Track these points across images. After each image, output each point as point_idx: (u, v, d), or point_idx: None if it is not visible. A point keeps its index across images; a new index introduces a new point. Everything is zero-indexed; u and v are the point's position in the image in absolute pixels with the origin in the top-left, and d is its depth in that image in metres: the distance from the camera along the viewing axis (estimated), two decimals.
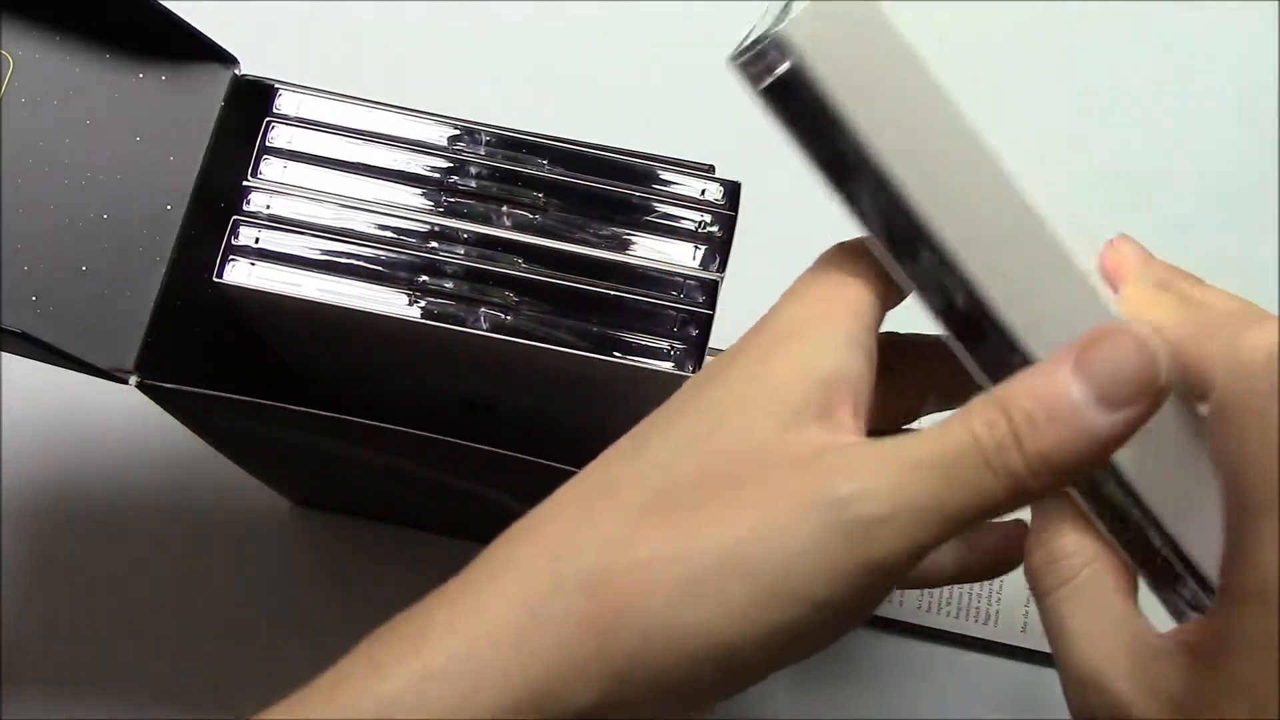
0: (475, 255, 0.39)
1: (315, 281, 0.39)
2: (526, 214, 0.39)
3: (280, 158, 0.39)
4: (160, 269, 0.39)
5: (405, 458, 0.44)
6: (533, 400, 0.43)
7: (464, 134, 0.40)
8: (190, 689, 0.56)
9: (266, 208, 0.39)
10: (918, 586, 0.43)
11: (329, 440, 0.43)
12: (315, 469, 0.51)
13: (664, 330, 0.38)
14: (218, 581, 0.57)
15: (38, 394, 0.43)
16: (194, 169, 0.40)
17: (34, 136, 0.38)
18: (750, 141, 0.63)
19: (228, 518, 0.57)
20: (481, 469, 0.43)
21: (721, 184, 0.40)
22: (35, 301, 0.38)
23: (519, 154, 0.40)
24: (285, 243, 0.39)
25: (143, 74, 0.40)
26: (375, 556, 0.58)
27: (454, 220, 0.39)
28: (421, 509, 0.55)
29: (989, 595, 0.56)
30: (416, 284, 0.39)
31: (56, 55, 0.39)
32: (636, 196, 0.39)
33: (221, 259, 0.39)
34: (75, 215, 0.39)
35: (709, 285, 0.39)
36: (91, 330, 0.38)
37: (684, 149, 0.41)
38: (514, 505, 0.47)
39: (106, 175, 0.39)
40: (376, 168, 0.40)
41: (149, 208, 0.40)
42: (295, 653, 0.57)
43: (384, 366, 0.43)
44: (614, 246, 0.39)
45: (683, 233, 0.39)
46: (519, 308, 0.38)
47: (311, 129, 0.40)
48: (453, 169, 0.40)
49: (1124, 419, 0.26)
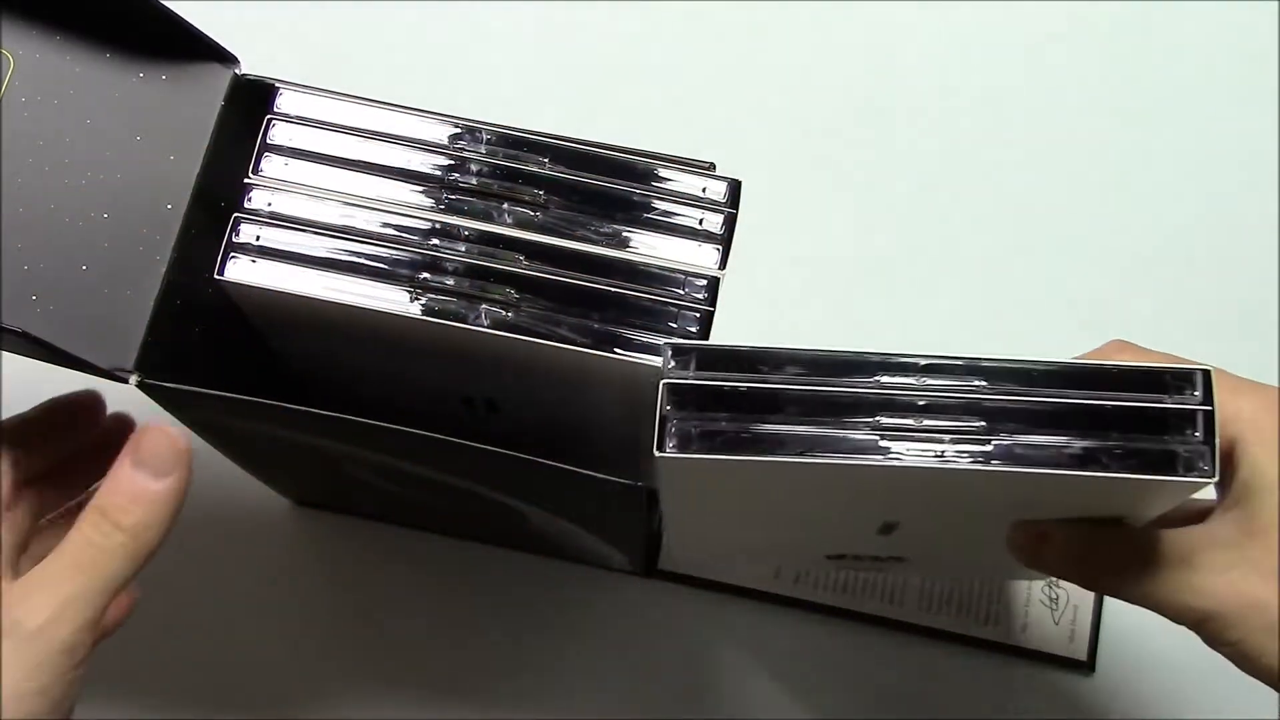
0: (476, 252, 0.39)
1: (317, 279, 0.39)
2: (527, 211, 0.39)
3: (281, 155, 0.39)
4: (160, 268, 0.39)
5: (405, 458, 0.44)
6: (534, 397, 0.43)
7: (465, 132, 0.40)
8: (190, 688, 0.56)
9: (268, 205, 0.39)
10: None
11: (329, 440, 0.43)
12: (315, 469, 0.51)
13: (665, 327, 0.38)
14: (218, 581, 0.57)
15: (38, 394, 0.43)
16: (194, 168, 0.40)
17: (34, 136, 0.38)
18: (750, 139, 0.64)
19: (228, 517, 0.57)
20: (481, 469, 0.43)
21: (722, 181, 0.40)
22: (35, 301, 0.38)
23: (520, 152, 0.40)
24: (287, 240, 0.39)
25: (143, 73, 0.40)
26: (375, 556, 0.58)
27: (455, 217, 0.39)
28: (421, 509, 0.55)
29: (989, 595, 0.56)
30: (418, 281, 0.39)
31: (57, 54, 0.39)
32: (637, 194, 0.39)
33: (223, 256, 0.39)
34: (76, 214, 0.39)
35: (710, 282, 0.39)
36: (92, 329, 0.38)
37: (684, 147, 0.41)
38: (514, 505, 0.48)
39: (107, 174, 0.39)
40: (378, 165, 0.40)
41: (149, 207, 0.39)
42: (295, 652, 0.57)
43: (385, 364, 0.43)
44: (615, 244, 0.39)
45: (683, 230, 0.39)
46: (520, 305, 0.38)
47: (312, 127, 0.40)
48: (454, 166, 0.40)
49: (173, 481, 0.38)
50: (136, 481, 0.38)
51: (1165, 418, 0.35)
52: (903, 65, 0.65)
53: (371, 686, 0.57)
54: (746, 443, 0.34)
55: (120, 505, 0.38)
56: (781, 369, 0.35)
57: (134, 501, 0.38)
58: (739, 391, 0.35)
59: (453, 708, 0.56)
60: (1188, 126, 0.64)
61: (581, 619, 0.57)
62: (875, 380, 0.35)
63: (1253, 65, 0.65)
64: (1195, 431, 0.34)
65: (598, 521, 0.48)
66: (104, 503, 0.38)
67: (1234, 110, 0.65)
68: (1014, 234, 0.63)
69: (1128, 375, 0.35)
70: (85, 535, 0.37)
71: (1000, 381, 0.35)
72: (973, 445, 0.34)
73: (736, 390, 0.35)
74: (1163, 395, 0.35)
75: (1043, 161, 0.64)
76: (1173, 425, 0.35)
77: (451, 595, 0.57)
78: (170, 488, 0.38)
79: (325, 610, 0.58)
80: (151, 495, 0.38)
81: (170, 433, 0.38)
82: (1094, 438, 0.34)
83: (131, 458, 0.38)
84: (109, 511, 0.38)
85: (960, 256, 0.62)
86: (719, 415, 0.35)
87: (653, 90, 0.64)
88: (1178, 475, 0.34)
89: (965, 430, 0.35)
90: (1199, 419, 0.34)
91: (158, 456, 0.38)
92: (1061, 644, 0.56)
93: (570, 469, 0.38)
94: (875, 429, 0.35)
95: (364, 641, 0.57)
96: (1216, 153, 0.64)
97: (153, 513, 0.38)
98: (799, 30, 0.65)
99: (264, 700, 0.57)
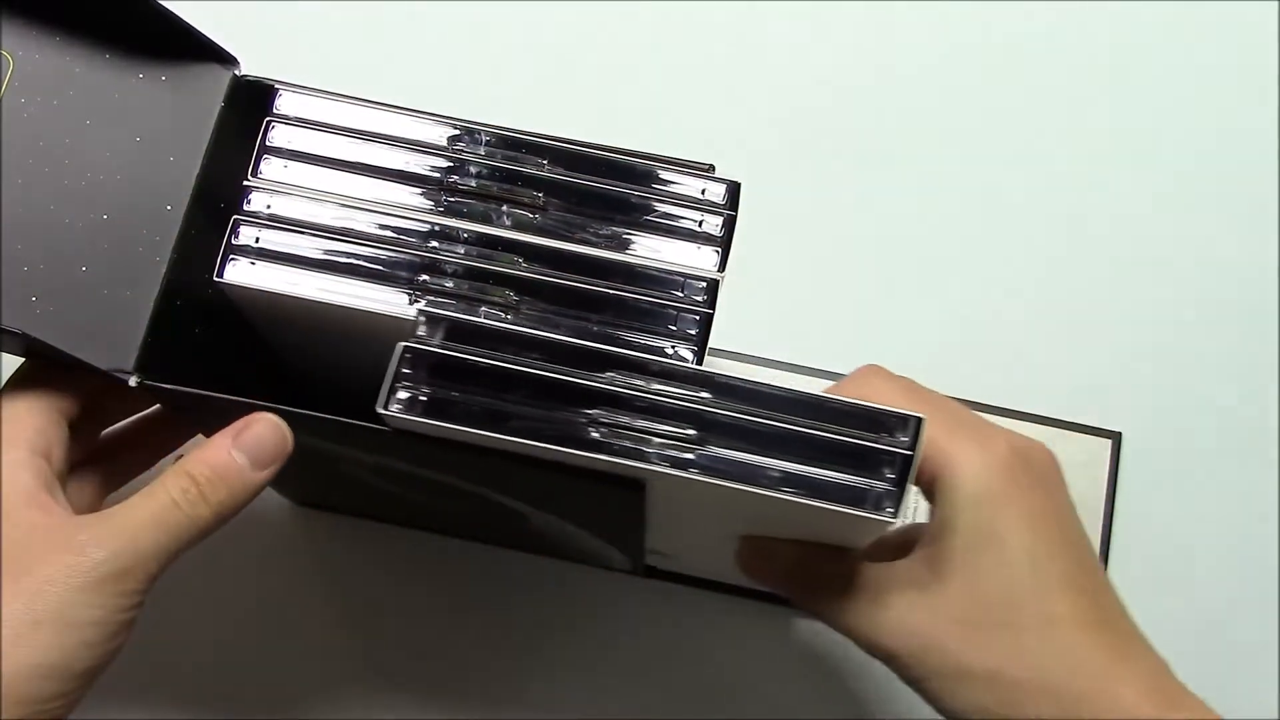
0: (475, 254, 0.39)
1: (316, 281, 0.39)
2: (526, 213, 0.39)
3: (280, 157, 0.39)
4: (160, 269, 0.39)
5: (404, 459, 0.44)
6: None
7: (464, 133, 0.40)
8: (190, 687, 0.57)
9: (267, 207, 0.39)
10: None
11: (328, 442, 0.43)
12: (315, 469, 0.51)
13: (665, 329, 0.38)
14: (218, 581, 0.57)
15: None
16: (194, 169, 0.40)
17: (34, 136, 0.38)
18: (750, 141, 0.64)
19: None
20: (481, 470, 0.43)
21: (721, 183, 0.40)
22: (35, 302, 0.38)
23: (518, 153, 0.40)
24: (286, 242, 0.39)
25: (143, 74, 0.40)
26: (375, 556, 0.58)
27: (454, 220, 0.39)
28: (422, 509, 0.55)
29: None
30: (417, 283, 0.39)
31: (56, 55, 0.39)
32: (636, 196, 0.39)
33: (222, 258, 0.39)
34: (75, 215, 0.39)
35: (709, 284, 0.39)
36: (92, 331, 0.38)
37: (684, 149, 0.41)
38: (514, 506, 0.48)
39: (106, 175, 0.39)
40: (377, 167, 0.40)
41: (149, 208, 0.39)
42: (295, 652, 0.57)
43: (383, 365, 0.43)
44: (614, 246, 0.39)
45: (683, 232, 0.39)
46: (519, 307, 0.38)
47: (312, 129, 0.40)
48: (453, 168, 0.40)
49: (268, 474, 0.39)
50: (236, 463, 0.38)
51: (866, 455, 0.36)
52: (904, 67, 0.65)
53: (371, 686, 0.57)
54: (467, 416, 0.36)
55: (212, 480, 0.38)
56: (524, 352, 0.36)
57: (226, 482, 0.38)
58: (476, 367, 0.36)
59: (452, 707, 0.57)
60: (1186, 125, 0.64)
61: (581, 619, 0.58)
62: (608, 376, 0.36)
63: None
64: (891, 472, 0.36)
65: (598, 522, 0.48)
66: (197, 472, 0.38)
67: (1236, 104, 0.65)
68: (1014, 234, 0.63)
69: (852, 411, 0.36)
70: (172, 496, 0.38)
71: (725, 397, 0.36)
72: (677, 451, 0.36)
73: (473, 365, 0.36)
74: (878, 435, 0.36)
75: (1043, 161, 0.64)
76: (872, 463, 0.36)
77: (451, 595, 0.58)
78: (264, 480, 0.39)
79: (325, 610, 0.58)
80: (246, 482, 0.38)
81: (282, 428, 0.39)
82: (798, 463, 0.36)
83: (235, 438, 0.38)
84: (200, 483, 0.38)
85: (961, 257, 0.62)
86: (453, 385, 0.36)
87: (653, 91, 0.64)
88: (864, 511, 0.36)
89: (676, 436, 0.36)
90: (898, 462, 0.36)
91: (263, 447, 0.38)
92: None
93: (570, 469, 0.38)
94: (592, 423, 0.36)
95: (364, 641, 0.57)
96: (1216, 152, 0.64)
97: (239, 499, 0.38)
98: (800, 32, 0.65)
99: (264, 700, 0.57)
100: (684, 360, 0.38)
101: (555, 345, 0.36)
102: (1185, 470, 0.59)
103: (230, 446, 0.38)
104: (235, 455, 0.38)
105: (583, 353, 0.36)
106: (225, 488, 0.38)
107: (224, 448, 0.38)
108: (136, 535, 0.37)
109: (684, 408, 0.36)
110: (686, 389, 0.36)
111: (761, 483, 0.36)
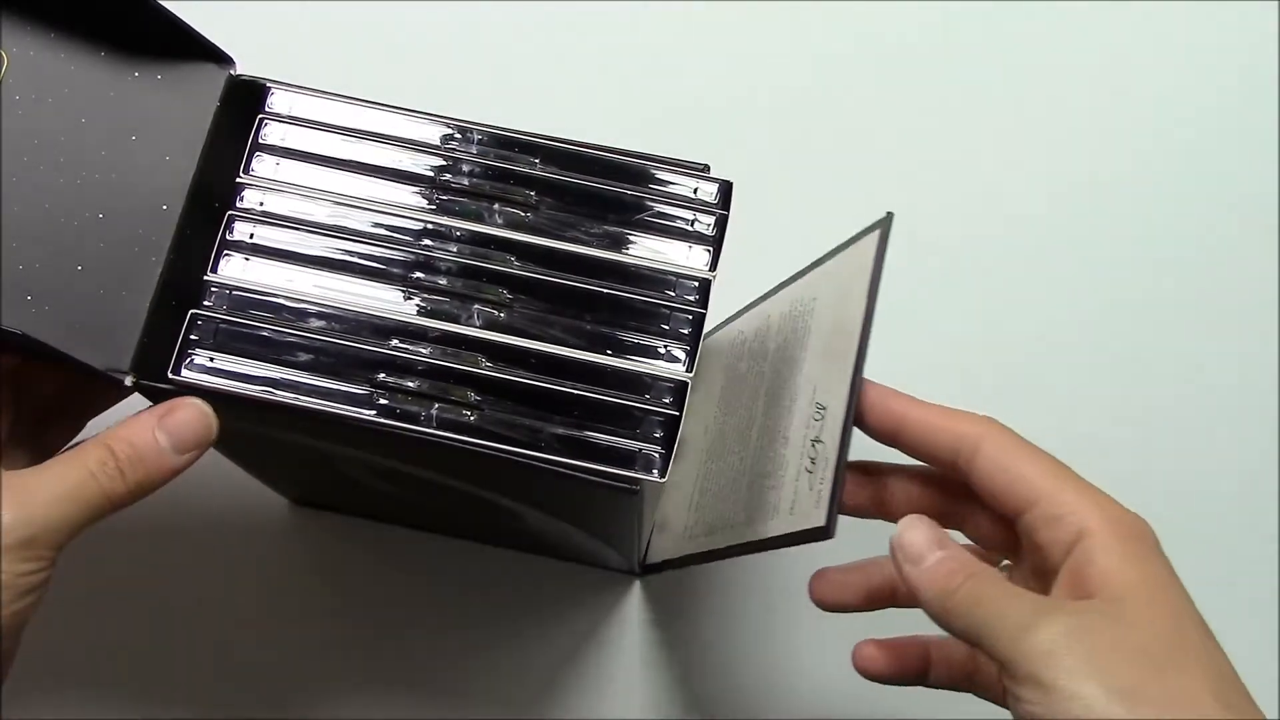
0: (468, 253, 0.39)
1: (310, 278, 0.39)
2: (519, 212, 0.39)
3: (273, 155, 0.40)
4: (156, 268, 0.39)
5: (402, 459, 0.44)
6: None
7: (457, 132, 0.40)
8: (190, 687, 0.57)
9: (260, 204, 0.39)
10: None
11: (326, 441, 0.43)
12: (315, 469, 0.51)
13: (657, 328, 0.38)
14: (217, 580, 0.57)
15: None
16: (190, 168, 0.40)
17: (29, 135, 0.38)
18: (744, 141, 0.63)
19: (228, 518, 0.58)
20: (479, 470, 0.43)
21: (713, 183, 0.40)
22: (31, 301, 0.38)
23: (511, 152, 0.40)
24: (279, 239, 0.39)
25: (138, 73, 0.40)
26: (375, 556, 0.58)
27: (447, 218, 0.39)
28: (420, 509, 0.55)
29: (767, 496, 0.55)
30: (411, 280, 0.39)
31: (52, 53, 0.39)
32: (629, 195, 0.39)
33: (216, 254, 0.39)
34: (71, 214, 0.39)
35: (701, 284, 0.39)
36: (87, 330, 0.38)
37: (678, 149, 0.41)
38: (511, 506, 0.48)
39: (102, 174, 0.39)
40: (370, 165, 0.40)
41: (145, 207, 0.40)
42: (294, 652, 0.57)
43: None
44: (606, 245, 0.39)
45: (675, 231, 0.39)
46: (513, 305, 0.38)
47: (304, 127, 0.40)
48: (445, 167, 0.40)
49: (188, 458, 0.39)
50: (157, 444, 0.38)
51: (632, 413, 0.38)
52: (902, 67, 0.65)
53: (371, 686, 0.57)
54: (250, 380, 0.39)
55: (132, 459, 0.38)
56: (307, 320, 0.39)
57: (145, 463, 0.38)
58: (259, 335, 0.38)
59: (452, 707, 0.57)
60: (1186, 121, 0.64)
61: (580, 618, 0.58)
62: (388, 343, 0.38)
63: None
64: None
65: (594, 522, 0.48)
66: (118, 448, 0.38)
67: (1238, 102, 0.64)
68: (1015, 234, 0.62)
69: (619, 374, 0.38)
70: (89, 469, 0.38)
71: (499, 361, 0.38)
72: (454, 416, 0.38)
73: (256, 332, 0.38)
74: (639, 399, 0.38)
75: (1043, 162, 0.64)
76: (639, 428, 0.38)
77: (450, 595, 0.58)
78: (183, 465, 0.39)
79: (324, 610, 0.58)
80: (164, 465, 0.38)
81: (206, 414, 0.39)
82: (569, 426, 0.38)
83: (160, 420, 0.38)
84: (120, 458, 0.38)
85: (961, 257, 0.62)
86: (240, 350, 0.39)
87: (647, 91, 0.64)
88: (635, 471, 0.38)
89: (454, 400, 0.38)
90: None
91: (185, 432, 0.38)
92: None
93: (568, 470, 0.38)
94: (374, 385, 0.38)
95: (363, 641, 0.57)
96: (1215, 150, 0.64)
97: (155, 480, 0.38)
98: (798, 31, 0.65)
99: (263, 700, 0.57)
100: (676, 359, 0.38)
101: (337, 315, 0.39)
102: (1185, 470, 0.59)
103: (155, 426, 0.38)
104: (158, 436, 0.38)
105: (360, 322, 0.39)
106: (144, 468, 0.38)
107: (148, 427, 0.38)
108: (48, 504, 0.37)
109: (463, 370, 0.38)
110: (464, 353, 0.38)
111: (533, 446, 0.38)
